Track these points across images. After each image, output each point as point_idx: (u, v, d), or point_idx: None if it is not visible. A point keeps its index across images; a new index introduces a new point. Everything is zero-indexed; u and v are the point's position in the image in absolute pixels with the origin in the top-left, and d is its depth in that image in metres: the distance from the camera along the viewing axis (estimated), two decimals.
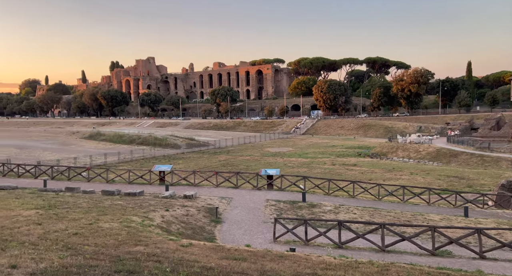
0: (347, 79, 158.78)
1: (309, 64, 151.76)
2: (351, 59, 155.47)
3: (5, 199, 15.69)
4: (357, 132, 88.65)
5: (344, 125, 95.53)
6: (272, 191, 23.19)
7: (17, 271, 5.26)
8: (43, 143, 60.38)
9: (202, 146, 61.56)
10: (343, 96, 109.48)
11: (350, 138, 79.83)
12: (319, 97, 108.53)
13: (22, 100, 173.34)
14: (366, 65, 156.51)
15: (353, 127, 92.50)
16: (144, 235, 11.07)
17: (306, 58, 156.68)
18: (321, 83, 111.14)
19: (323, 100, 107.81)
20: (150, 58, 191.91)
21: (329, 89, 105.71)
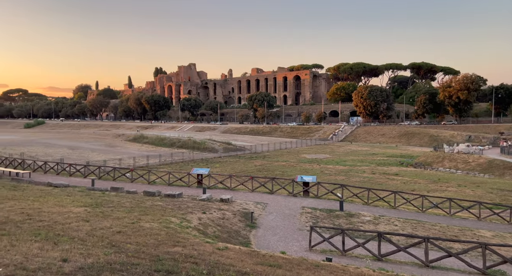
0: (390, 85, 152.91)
1: (349, 69, 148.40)
2: (394, 64, 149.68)
3: (59, 196, 16.92)
4: (399, 140, 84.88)
5: (385, 132, 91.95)
6: (308, 198, 22.84)
7: (67, 265, 5.63)
8: (92, 145, 64.52)
9: (239, 151, 62.27)
10: (385, 103, 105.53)
11: (392, 146, 76.60)
12: (359, 103, 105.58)
13: (75, 104, 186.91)
14: (410, 70, 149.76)
15: (395, 134, 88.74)
16: (182, 236, 11.38)
17: (346, 63, 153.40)
18: (361, 89, 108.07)
19: (363, 107, 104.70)
20: (191, 64, 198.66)
21: (370, 95, 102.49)
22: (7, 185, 20.06)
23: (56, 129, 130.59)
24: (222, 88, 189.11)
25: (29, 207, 12.90)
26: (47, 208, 12.87)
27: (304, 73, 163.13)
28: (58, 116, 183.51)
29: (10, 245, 6.53)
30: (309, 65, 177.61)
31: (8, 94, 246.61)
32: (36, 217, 11.13)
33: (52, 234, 8.66)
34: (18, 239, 7.26)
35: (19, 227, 9.37)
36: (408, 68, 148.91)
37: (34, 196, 16.18)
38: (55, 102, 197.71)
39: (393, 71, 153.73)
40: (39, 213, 11.83)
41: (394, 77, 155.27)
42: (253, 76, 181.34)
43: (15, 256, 5.78)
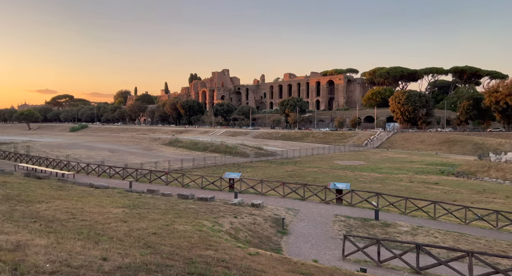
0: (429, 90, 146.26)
1: (385, 74, 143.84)
2: (434, 68, 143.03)
3: (99, 197, 17.82)
4: (439, 147, 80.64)
5: (424, 139, 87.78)
6: (341, 206, 22.29)
7: (107, 264, 5.89)
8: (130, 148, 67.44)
9: (270, 156, 62.22)
10: (424, 108, 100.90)
11: (431, 154, 72.93)
12: (396, 108, 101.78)
13: (115, 109, 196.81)
14: (452, 75, 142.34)
15: (435, 142, 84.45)
16: (214, 240, 11.52)
17: (383, 67, 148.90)
18: (398, 94, 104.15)
19: (401, 112, 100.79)
20: (224, 70, 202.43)
21: (408, 101, 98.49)
22: (54, 185, 21.45)
23: (97, 133, 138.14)
24: (254, 93, 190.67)
25: (73, 206, 13.70)
26: (89, 208, 13.59)
27: (338, 78, 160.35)
28: (100, 120, 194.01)
29: (56, 243, 6.96)
30: (343, 70, 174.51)
31: (56, 99, 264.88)
32: (79, 216, 11.79)
33: (93, 233, 9.12)
34: (63, 237, 7.72)
35: (64, 225, 9.97)
36: (449, 72, 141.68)
37: (78, 196, 17.16)
38: (97, 107, 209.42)
39: (433, 76, 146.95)
40: (82, 212, 12.53)
41: (434, 81, 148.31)
42: (285, 81, 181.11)
43: (60, 253, 6.14)
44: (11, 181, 20.72)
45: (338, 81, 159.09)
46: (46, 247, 6.47)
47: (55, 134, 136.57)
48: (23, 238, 7.03)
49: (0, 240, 6.55)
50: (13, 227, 8.33)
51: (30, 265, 5.16)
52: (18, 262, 5.23)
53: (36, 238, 7.19)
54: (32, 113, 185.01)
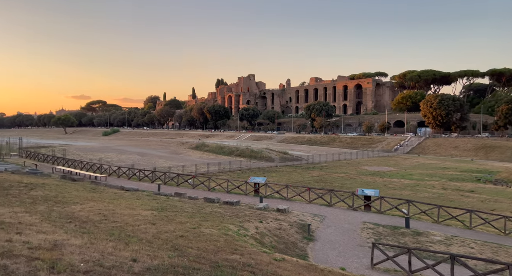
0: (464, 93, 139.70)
1: (416, 77, 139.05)
2: (469, 71, 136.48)
3: (129, 199, 18.41)
4: (475, 153, 76.64)
5: (458, 145, 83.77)
6: (369, 213, 21.68)
7: (137, 265, 6.06)
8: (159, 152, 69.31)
9: (295, 161, 61.72)
10: (458, 113, 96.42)
11: (466, 160, 69.42)
12: (428, 113, 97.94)
13: (145, 113, 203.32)
14: (489, 77, 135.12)
15: (470, 147, 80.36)
16: (239, 244, 11.54)
17: (413, 71, 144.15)
18: (430, 98, 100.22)
19: (433, 117, 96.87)
20: (250, 75, 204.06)
21: (441, 105, 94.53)
22: (87, 187, 22.42)
23: (128, 137, 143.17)
24: (279, 98, 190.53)
25: (105, 208, 14.23)
26: (119, 210, 14.07)
27: (366, 81, 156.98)
28: (130, 125, 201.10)
29: (90, 243, 7.26)
30: (372, 73, 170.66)
31: (90, 105, 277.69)
32: (111, 218, 12.23)
33: (124, 234, 9.42)
34: (96, 238, 8.04)
35: (97, 226, 10.37)
36: (486, 75, 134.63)
37: (109, 198, 17.82)
38: (128, 112, 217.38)
39: (468, 79, 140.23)
40: (113, 214, 12.98)
41: (469, 85, 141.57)
42: (312, 86, 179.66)
43: (93, 253, 6.40)
44: (49, 183, 21.88)
45: (366, 85, 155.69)
46: (80, 247, 6.76)
47: (89, 138, 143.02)
48: (60, 237, 7.38)
49: (39, 239, 6.92)
50: (50, 227, 8.77)
51: (66, 264, 5.40)
52: (55, 260, 5.49)
53: (72, 238, 7.53)
54: (68, 118, 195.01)
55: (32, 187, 18.31)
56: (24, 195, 15.52)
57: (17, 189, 17.19)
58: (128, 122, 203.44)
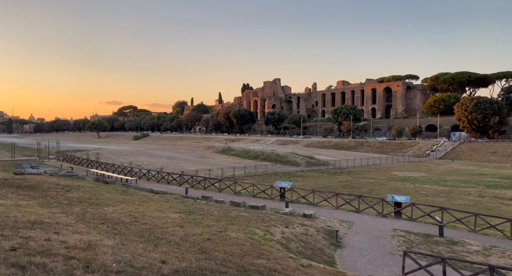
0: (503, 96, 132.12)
1: (450, 79, 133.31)
2: (508, 72, 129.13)
3: (158, 202, 18.89)
4: None
5: (497, 150, 79.18)
6: (400, 220, 20.92)
7: (165, 266, 6.19)
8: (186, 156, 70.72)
9: (322, 165, 60.81)
10: (496, 116, 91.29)
11: (506, 166, 65.41)
12: (463, 116, 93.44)
13: (173, 118, 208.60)
14: None
15: (510, 153, 75.74)
16: (265, 249, 11.50)
17: (447, 73, 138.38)
18: (465, 101, 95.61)
19: (468, 121, 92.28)
20: (276, 79, 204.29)
21: (477, 108, 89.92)
22: (119, 190, 23.25)
23: (157, 141, 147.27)
24: (305, 101, 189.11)
25: (135, 210, 14.68)
26: (149, 212, 14.46)
27: (396, 84, 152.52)
28: (159, 129, 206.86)
29: (121, 244, 7.50)
30: (402, 76, 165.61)
31: (122, 110, 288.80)
32: (141, 220, 12.59)
33: (153, 236, 9.66)
34: (127, 239, 8.30)
35: (128, 228, 10.71)
36: None
37: (139, 201, 18.37)
38: (157, 117, 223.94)
39: (507, 80, 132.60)
40: (143, 216, 13.36)
41: (508, 87, 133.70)
42: (339, 89, 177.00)
43: (125, 254, 6.61)
44: (83, 185, 22.91)
45: (396, 88, 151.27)
46: (112, 247, 7.00)
47: (120, 142, 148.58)
48: (93, 238, 7.69)
49: (75, 239, 7.25)
50: (85, 228, 9.17)
51: (100, 264, 5.62)
52: (90, 260, 5.73)
53: (104, 239, 7.83)
54: (102, 123, 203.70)
55: (68, 189, 19.24)
56: (61, 197, 16.34)
57: (55, 191, 18.13)
58: (157, 127, 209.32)
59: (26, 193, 16.09)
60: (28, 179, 22.13)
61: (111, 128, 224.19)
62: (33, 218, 9.37)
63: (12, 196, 14.27)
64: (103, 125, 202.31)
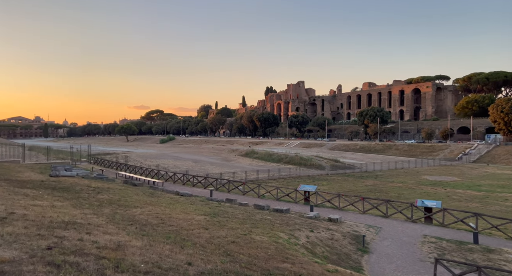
0: None
1: (484, 79, 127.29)
2: None
3: (184, 204, 19.22)
4: None
5: None
6: (430, 226, 20.11)
7: (191, 268, 6.27)
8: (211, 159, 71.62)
9: (347, 169, 59.63)
10: None
11: None
12: (499, 118, 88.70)
13: (198, 122, 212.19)
14: None
15: None
16: (290, 253, 11.40)
17: (480, 73, 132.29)
18: (501, 102, 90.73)
19: (504, 122, 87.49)
20: (300, 82, 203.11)
21: None
22: (146, 192, 23.88)
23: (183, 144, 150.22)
24: (330, 104, 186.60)
25: (162, 212, 15.01)
26: (175, 215, 14.74)
27: (425, 85, 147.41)
28: (185, 133, 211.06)
29: (149, 245, 7.69)
30: (432, 77, 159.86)
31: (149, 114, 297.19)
32: (167, 221, 12.85)
33: (179, 238, 9.83)
34: (154, 240, 8.50)
35: (155, 229, 10.96)
36: None
37: (166, 203, 18.78)
38: (183, 120, 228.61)
39: None
40: (169, 218, 13.64)
41: None
42: (365, 91, 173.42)
43: (152, 255, 6.76)
44: (113, 187, 23.72)
45: (426, 89, 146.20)
46: (141, 248, 7.19)
47: (147, 145, 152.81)
48: (123, 239, 7.93)
49: (105, 240, 7.51)
50: (114, 229, 9.48)
51: (128, 264, 5.78)
52: (119, 260, 5.91)
53: (133, 239, 8.05)
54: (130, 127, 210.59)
55: (99, 191, 19.99)
56: (92, 198, 17.00)
57: (87, 193, 18.89)
58: (183, 130, 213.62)
59: (61, 195, 16.87)
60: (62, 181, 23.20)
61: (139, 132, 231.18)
62: (67, 218, 9.80)
63: (48, 197, 15.02)
64: (132, 129, 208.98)
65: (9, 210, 9.80)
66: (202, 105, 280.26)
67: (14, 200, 12.54)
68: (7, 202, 11.63)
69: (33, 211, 10.30)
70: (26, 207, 11.12)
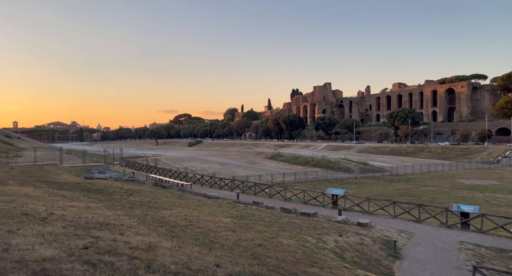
0: None
1: None
2: None
3: (211, 206, 19.48)
4: None
5: None
6: (467, 232, 19.10)
7: (220, 270, 6.33)
8: (237, 161, 72.17)
9: (377, 172, 57.97)
10: None
11: None
12: None
13: (225, 125, 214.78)
14: None
15: None
16: (318, 257, 11.23)
17: None
18: None
19: None
20: (326, 83, 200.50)
21: None
22: (175, 194, 24.43)
23: (210, 147, 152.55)
24: (358, 105, 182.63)
25: (191, 214, 15.29)
26: (203, 217, 14.97)
27: (460, 85, 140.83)
28: (211, 136, 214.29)
29: (178, 246, 7.85)
30: (467, 76, 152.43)
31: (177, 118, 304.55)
32: (196, 223, 13.07)
33: (207, 240, 9.96)
34: (183, 242, 8.67)
35: (184, 231, 11.18)
36: None
37: (194, 205, 19.11)
38: (209, 124, 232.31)
39: None
40: (197, 220, 13.87)
41: None
42: (395, 92, 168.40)
43: (181, 256, 6.90)
44: (143, 189, 24.48)
45: (460, 89, 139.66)
46: (170, 249, 7.36)
47: (176, 148, 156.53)
48: (153, 240, 8.16)
49: (137, 240, 7.76)
50: (146, 230, 9.77)
51: (159, 265, 5.93)
52: (151, 261, 6.08)
53: (163, 241, 8.26)
54: (159, 130, 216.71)
55: (130, 193, 20.70)
56: (124, 200, 17.63)
57: (119, 195, 19.61)
58: (210, 133, 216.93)
59: (95, 196, 17.63)
60: (96, 183, 24.25)
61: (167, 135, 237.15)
62: (101, 219, 10.22)
63: (83, 199, 15.75)
64: (161, 133, 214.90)
65: (49, 211, 10.37)
66: (228, 109, 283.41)
67: (54, 201, 13.25)
68: (47, 203, 12.31)
69: (70, 212, 10.83)
70: (64, 208, 11.72)
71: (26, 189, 16.25)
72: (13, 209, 9.82)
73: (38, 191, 16.08)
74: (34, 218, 8.85)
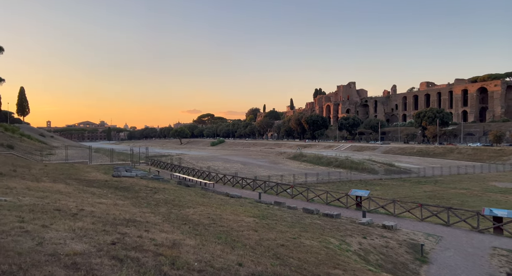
0: None
1: None
2: None
3: (234, 206, 19.63)
4: None
5: None
6: (501, 237, 18.19)
7: (242, 269, 6.37)
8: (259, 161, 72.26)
9: (403, 173, 56.29)
10: None
11: None
12: None
13: (247, 125, 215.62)
14: None
15: None
16: (341, 259, 11.06)
17: None
18: None
19: None
20: (350, 83, 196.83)
21: None
22: (198, 193, 24.81)
23: (232, 147, 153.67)
24: (383, 105, 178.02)
25: (213, 213, 15.48)
26: (225, 215, 15.11)
27: (493, 84, 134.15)
28: (234, 136, 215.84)
29: (202, 244, 7.97)
30: (501, 74, 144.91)
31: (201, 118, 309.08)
32: (218, 222, 13.22)
33: (230, 239, 10.05)
34: (206, 240, 8.79)
35: (207, 229, 11.34)
36: None
37: (217, 204, 19.33)
38: (232, 124, 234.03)
39: None
40: (220, 219, 14.01)
41: None
42: (422, 91, 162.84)
43: (205, 254, 7.00)
44: (168, 187, 25.02)
45: (493, 88, 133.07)
46: (194, 247, 7.48)
47: (199, 148, 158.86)
48: (177, 237, 8.32)
49: (162, 237, 7.94)
50: (170, 227, 9.98)
51: (183, 262, 6.05)
52: (175, 258, 6.21)
53: (187, 238, 8.41)
54: (183, 130, 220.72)
55: (155, 191, 21.22)
56: (149, 198, 18.09)
57: (145, 193, 20.16)
58: (232, 133, 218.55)
59: (122, 194, 18.21)
60: (123, 181, 25.03)
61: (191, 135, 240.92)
62: (127, 216, 10.54)
63: (111, 196, 16.31)
64: (185, 132, 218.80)
65: (79, 207, 10.82)
66: (251, 109, 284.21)
67: (83, 198, 13.81)
68: (77, 200, 12.85)
69: (99, 209, 11.25)
70: (93, 204, 12.19)
71: (58, 186, 17.03)
72: (47, 205, 10.32)
73: (69, 188, 16.82)
74: (66, 214, 9.26)
